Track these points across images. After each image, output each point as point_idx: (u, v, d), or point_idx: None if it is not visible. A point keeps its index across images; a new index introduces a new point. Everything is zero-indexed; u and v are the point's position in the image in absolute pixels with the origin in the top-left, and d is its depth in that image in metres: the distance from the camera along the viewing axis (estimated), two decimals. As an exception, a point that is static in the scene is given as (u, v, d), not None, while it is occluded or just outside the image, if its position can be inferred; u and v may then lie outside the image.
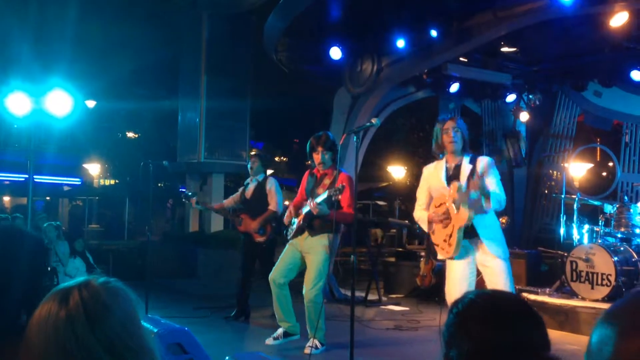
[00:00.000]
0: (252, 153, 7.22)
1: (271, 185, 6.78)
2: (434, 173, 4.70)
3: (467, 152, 4.63)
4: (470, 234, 4.43)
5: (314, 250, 5.54)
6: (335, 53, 8.65)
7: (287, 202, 6.16)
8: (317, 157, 5.60)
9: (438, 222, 4.51)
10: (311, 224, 5.57)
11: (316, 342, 5.51)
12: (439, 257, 4.63)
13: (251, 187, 6.92)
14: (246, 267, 6.96)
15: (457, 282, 4.53)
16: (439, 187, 4.60)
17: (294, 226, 5.67)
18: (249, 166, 7.01)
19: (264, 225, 6.68)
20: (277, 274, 5.67)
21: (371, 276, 8.50)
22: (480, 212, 4.39)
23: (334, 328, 6.23)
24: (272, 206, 6.71)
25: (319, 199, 5.36)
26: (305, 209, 5.57)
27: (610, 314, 0.85)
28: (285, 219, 5.84)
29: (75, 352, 1.18)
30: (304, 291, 5.56)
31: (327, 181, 5.56)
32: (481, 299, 1.26)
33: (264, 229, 6.68)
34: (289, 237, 5.74)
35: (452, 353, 1.18)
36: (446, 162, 4.65)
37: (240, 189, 7.14)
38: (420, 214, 4.75)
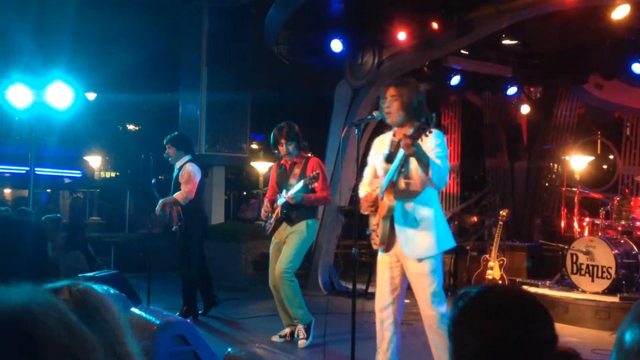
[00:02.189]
0: (165, 141, 6.65)
1: (182, 176, 6.40)
2: (379, 147, 4.07)
3: (413, 124, 3.82)
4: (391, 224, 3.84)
5: (292, 235, 5.56)
6: (336, 45, 8.63)
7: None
8: (282, 149, 5.67)
9: (366, 209, 3.95)
10: (289, 216, 5.61)
11: (301, 329, 5.54)
12: (373, 246, 4.08)
13: (175, 174, 6.60)
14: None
15: (381, 278, 4.03)
16: (379, 167, 4.00)
17: (271, 220, 5.70)
18: (169, 159, 6.59)
19: (169, 212, 6.42)
20: (272, 278, 5.65)
21: (372, 268, 8.51)
22: (422, 207, 3.81)
23: (335, 320, 6.25)
24: (177, 194, 6.36)
25: (294, 190, 5.42)
26: (280, 201, 5.61)
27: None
28: (262, 215, 5.86)
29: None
30: (275, 271, 5.50)
31: (297, 170, 5.61)
32: (487, 293, 1.25)
33: (169, 218, 6.44)
34: (268, 232, 5.78)
35: (460, 351, 1.17)
36: (393, 134, 4.03)
37: None
38: (360, 192, 4.12)
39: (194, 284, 6.63)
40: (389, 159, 3.91)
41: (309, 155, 5.72)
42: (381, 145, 4.06)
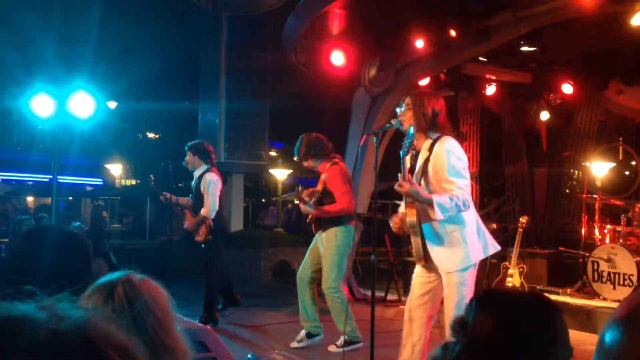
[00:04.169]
0: (186, 148, 6.73)
1: (204, 186, 6.43)
2: (406, 158, 3.96)
3: (431, 134, 3.84)
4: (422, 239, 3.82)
5: (326, 246, 5.64)
6: (354, 53, 8.66)
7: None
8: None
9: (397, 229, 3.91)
10: (318, 221, 5.71)
11: (344, 338, 5.58)
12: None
13: (195, 183, 6.65)
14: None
15: (415, 285, 4.00)
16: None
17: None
18: (187, 165, 6.62)
19: (198, 227, 6.53)
20: (301, 271, 5.81)
21: (390, 276, 8.51)
22: (447, 222, 3.73)
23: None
24: (203, 210, 6.43)
25: (308, 204, 5.58)
26: None
27: (621, 313, 0.88)
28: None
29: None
30: (322, 288, 5.67)
31: (323, 176, 5.69)
32: (491, 295, 1.25)
33: (197, 230, 6.53)
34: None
35: (452, 345, 1.17)
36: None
37: None
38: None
39: (216, 292, 6.70)
40: (411, 172, 3.89)
41: (335, 160, 5.73)
42: (404, 158, 3.91)
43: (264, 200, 24.29)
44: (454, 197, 3.62)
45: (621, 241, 7.06)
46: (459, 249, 3.77)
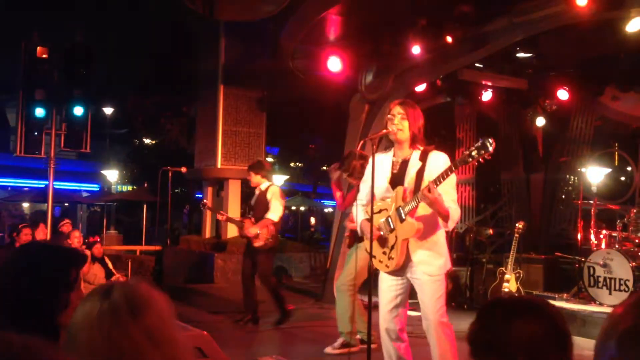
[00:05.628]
0: (247, 168, 7.25)
1: (271, 195, 6.87)
2: (379, 166, 3.93)
3: (416, 146, 3.89)
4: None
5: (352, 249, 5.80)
6: (351, 59, 8.69)
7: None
8: None
9: (373, 236, 3.77)
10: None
11: (341, 340, 5.60)
12: (377, 268, 3.98)
13: (256, 194, 7.07)
14: (245, 272, 7.05)
15: (386, 295, 3.98)
16: (381, 187, 3.90)
17: None
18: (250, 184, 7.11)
19: (260, 231, 6.79)
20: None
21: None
22: (433, 230, 3.80)
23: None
24: (269, 214, 6.80)
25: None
26: None
27: (612, 319, 0.89)
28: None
29: (119, 339, 1.23)
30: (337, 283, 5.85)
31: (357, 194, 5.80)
32: (495, 306, 1.26)
33: (257, 235, 6.79)
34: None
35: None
36: (393, 155, 3.97)
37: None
38: (359, 213, 4.08)
39: (278, 290, 7.01)
40: (394, 180, 3.87)
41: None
42: (381, 163, 3.96)
43: (260, 206, 24.21)
44: (456, 210, 3.71)
45: (617, 246, 7.08)
46: (440, 256, 3.87)
